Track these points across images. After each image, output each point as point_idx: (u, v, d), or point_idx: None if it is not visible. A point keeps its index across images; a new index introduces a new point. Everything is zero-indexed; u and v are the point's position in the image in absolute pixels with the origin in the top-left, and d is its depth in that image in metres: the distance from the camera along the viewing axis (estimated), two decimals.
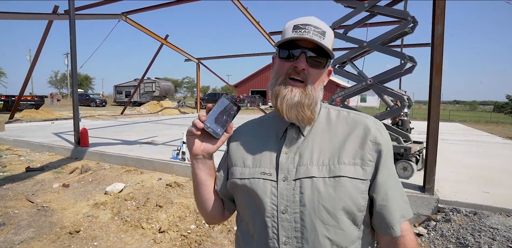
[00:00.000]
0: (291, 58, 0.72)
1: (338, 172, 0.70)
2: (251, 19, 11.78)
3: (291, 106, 0.71)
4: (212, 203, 0.85)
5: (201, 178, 0.82)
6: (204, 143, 0.77)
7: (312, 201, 0.68)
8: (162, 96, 30.16)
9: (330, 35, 0.74)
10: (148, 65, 16.64)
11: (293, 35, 0.70)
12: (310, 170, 0.71)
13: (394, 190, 0.74)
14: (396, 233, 0.71)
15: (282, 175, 0.72)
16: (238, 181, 0.77)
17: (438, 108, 3.15)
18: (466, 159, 5.38)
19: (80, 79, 55.20)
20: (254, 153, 0.78)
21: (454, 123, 15.09)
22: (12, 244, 2.80)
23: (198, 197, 0.85)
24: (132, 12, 11.75)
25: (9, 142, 7.55)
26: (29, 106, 17.06)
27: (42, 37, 11.37)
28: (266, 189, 0.72)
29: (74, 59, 6.48)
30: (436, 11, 3.11)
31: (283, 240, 0.70)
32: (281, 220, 0.70)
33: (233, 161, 0.81)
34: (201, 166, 0.80)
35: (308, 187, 0.69)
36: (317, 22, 0.73)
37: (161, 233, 3.07)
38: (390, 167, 0.75)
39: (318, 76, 0.74)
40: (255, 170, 0.75)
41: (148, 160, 5.11)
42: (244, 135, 0.84)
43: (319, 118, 0.79)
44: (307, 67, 0.71)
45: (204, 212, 0.87)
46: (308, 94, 0.72)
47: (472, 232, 2.73)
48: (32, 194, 4.07)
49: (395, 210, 0.72)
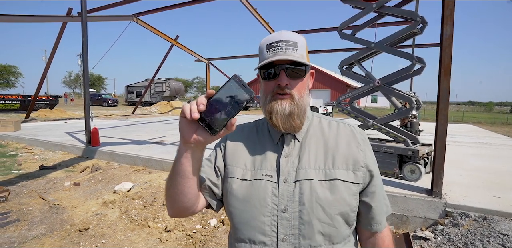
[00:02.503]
0: (272, 77, 0.78)
1: (333, 176, 0.77)
2: (260, 19, 11.80)
3: (284, 118, 0.77)
4: (190, 197, 0.77)
5: (185, 169, 0.71)
6: (198, 131, 0.66)
7: (311, 201, 0.74)
8: (172, 96, 30.46)
9: (301, 44, 0.79)
10: (159, 65, 16.87)
11: (268, 57, 0.76)
12: (308, 173, 0.77)
13: (380, 191, 0.83)
14: (382, 228, 0.83)
15: (282, 177, 0.78)
16: (240, 182, 0.80)
17: (446, 111, 3.10)
18: (477, 162, 5.26)
19: (93, 79, 56.38)
20: (255, 156, 0.83)
21: (468, 125, 14.73)
22: (25, 239, 2.90)
23: (176, 187, 0.75)
24: (143, 14, 11.94)
25: (24, 141, 7.79)
26: (44, 106, 17.53)
27: (57, 38, 11.67)
28: (267, 190, 0.77)
29: (86, 60, 6.64)
30: (445, 12, 3.05)
31: (281, 237, 0.75)
32: (280, 218, 0.75)
33: (232, 161, 0.84)
34: (189, 155, 0.69)
35: (307, 188, 0.75)
36: (287, 36, 0.78)
37: (167, 232, 3.12)
38: (377, 172, 0.84)
39: (302, 85, 0.80)
40: (257, 172, 0.80)
41: (156, 160, 5.20)
42: (242, 137, 0.88)
43: (312, 126, 0.85)
44: (289, 81, 0.77)
45: (176, 203, 0.78)
46: (296, 103, 0.78)
47: (481, 237, 2.67)
48: (44, 192, 4.20)
49: (381, 209, 0.83)
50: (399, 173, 3.91)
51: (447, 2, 3.07)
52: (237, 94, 0.63)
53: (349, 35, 4.35)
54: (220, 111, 0.63)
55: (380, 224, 0.82)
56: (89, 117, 6.76)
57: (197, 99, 0.63)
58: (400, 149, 3.87)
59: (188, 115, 0.62)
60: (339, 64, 4.50)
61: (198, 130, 0.66)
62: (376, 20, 4.36)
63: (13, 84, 47.37)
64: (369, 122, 4.19)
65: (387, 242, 0.84)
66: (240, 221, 0.79)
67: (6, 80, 46.60)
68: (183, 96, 37.84)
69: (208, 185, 0.83)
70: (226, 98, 0.63)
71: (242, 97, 0.63)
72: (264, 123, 0.90)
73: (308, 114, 0.85)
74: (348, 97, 4.42)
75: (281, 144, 0.83)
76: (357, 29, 4.47)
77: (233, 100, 0.63)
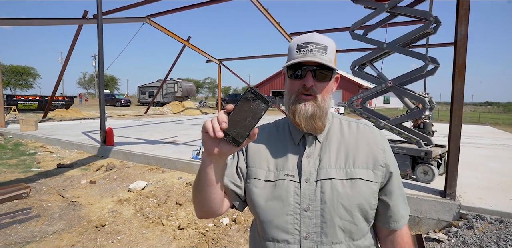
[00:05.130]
0: (299, 77, 0.81)
1: (354, 175, 0.80)
2: (271, 20, 11.83)
3: (306, 119, 0.80)
4: (216, 202, 0.82)
5: (210, 178, 0.75)
6: (222, 143, 0.69)
7: (332, 200, 0.77)
8: (184, 96, 30.75)
9: (331, 49, 0.81)
10: (171, 66, 17.13)
11: (297, 57, 0.79)
12: (329, 172, 0.80)
13: (398, 190, 0.86)
14: (400, 226, 0.85)
15: (304, 177, 0.81)
16: (264, 183, 0.84)
17: (460, 112, 3.05)
18: (494, 164, 5.14)
19: (106, 80, 57.59)
20: (277, 158, 0.86)
21: (484, 126, 14.33)
22: (46, 234, 3.03)
23: (203, 195, 0.80)
24: (156, 15, 12.14)
25: (43, 140, 8.06)
26: (60, 106, 18.05)
27: (73, 40, 12.00)
28: (289, 189, 0.80)
29: (101, 62, 6.82)
30: (460, 11, 3.02)
31: (304, 235, 0.78)
32: (303, 217, 0.79)
33: (255, 163, 0.87)
34: (213, 165, 0.73)
35: (328, 187, 0.79)
36: (318, 39, 0.80)
37: (180, 230, 3.19)
38: (397, 171, 0.86)
39: (326, 88, 0.83)
40: (279, 173, 0.83)
41: (169, 159, 5.30)
42: (263, 139, 0.90)
43: (333, 127, 0.88)
44: (314, 83, 0.80)
45: (204, 208, 0.84)
46: (319, 106, 0.81)
47: (497, 240, 2.63)
48: (62, 189, 4.35)
49: (399, 207, 0.85)
50: (411, 174, 3.87)
51: (462, 1, 3.03)
52: (254, 105, 0.65)
53: (361, 35, 4.34)
54: (241, 124, 0.65)
55: (398, 222, 0.84)
56: (104, 117, 6.94)
57: (218, 116, 0.65)
58: (412, 150, 3.84)
59: (212, 134, 0.64)
60: (351, 65, 4.49)
61: (221, 143, 0.68)
62: (389, 20, 4.33)
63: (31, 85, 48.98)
64: (381, 123, 4.16)
65: (406, 239, 0.87)
66: (265, 220, 0.82)
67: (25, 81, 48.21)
68: (194, 96, 38.19)
69: (231, 188, 0.87)
70: (245, 110, 0.65)
71: (260, 107, 0.65)
72: (285, 123, 0.92)
73: (329, 116, 0.87)
74: (360, 97, 4.40)
75: (302, 144, 0.85)
76: (369, 29, 4.45)
77: (252, 111, 0.65)
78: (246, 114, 0.65)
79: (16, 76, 46.89)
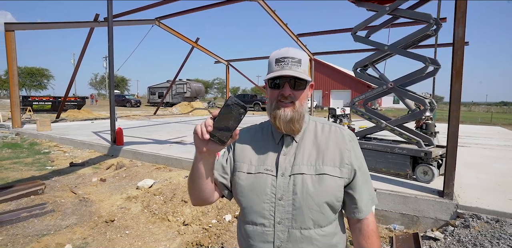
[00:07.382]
0: (278, 87, 0.94)
1: (322, 171, 0.92)
2: (279, 21, 11.94)
3: (286, 123, 0.92)
4: (208, 192, 0.97)
5: (201, 172, 0.90)
6: (210, 143, 0.82)
7: (302, 191, 0.90)
8: (193, 97, 31.01)
9: (305, 61, 0.95)
10: (180, 67, 17.39)
11: (276, 70, 0.92)
12: (301, 168, 0.93)
13: (363, 184, 0.97)
14: (364, 216, 0.97)
15: (280, 172, 0.94)
16: (246, 175, 0.98)
17: (458, 113, 3.11)
18: (499, 165, 5.12)
19: (116, 80, 58.67)
20: (259, 154, 1.00)
21: (495, 127, 14.08)
22: (60, 227, 3.23)
23: (195, 186, 0.95)
24: (165, 17, 12.41)
25: (56, 140, 8.38)
26: (72, 107, 18.53)
27: (85, 43, 12.37)
28: (267, 182, 0.94)
29: (111, 64, 7.06)
30: (457, 14, 3.07)
31: (278, 220, 0.92)
32: (277, 205, 0.92)
33: (240, 158, 1.01)
34: (203, 161, 0.88)
35: (299, 181, 0.91)
36: (293, 53, 0.93)
37: (185, 225, 3.34)
38: (362, 168, 0.98)
39: (302, 95, 0.95)
40: (260, 167, 0.97)
41: (176, 159, 5.47)
42: (249, 137, 1.05)
43: (308, 129, 1.01)
44: (291, 91, 0.92)
45: (197, 197, 0.99)
46: (297, 111, 0.93)
47: (491, 239, 2.68)
48: (75, 186, 4.57)
49: (364, 199, 0.97)
50: (411, 174, 3.93)
51: (459, 3, 3.08)
52: (235, 111, 0.78)
53: (363, 38, 4.41)
54: (225, 126, 0.79)
55: (361, 212, 0.96)
56: (114, 118, 7.16)
57: (205, 121, 0.79)
58: (412, 151, 3.89)
59: (200, 136, 0.79)
60: (353, 66, 4.56)
61: (209, 142, 0.82)
62: (390, 22, 4.39)
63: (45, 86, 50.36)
64: (382, 124, 4.22)
65: (372, 227, 0.98)
66: (246, 206, 0.96)
67: (39, 82, 49.61)
68: (203, 97, 38.52)
69: (220, 180, 1.01)
70: (227, 115, 0.78)
71: (240, 112, 0.79)
72: (269, 126, 1.05)
73: (305, 119, 1.00)
74: (361, 99, 4.47)
75: (281, 144, 0.98)
76: (371, 30, 4.51)
77: (233, 116, 0.78)
78: (229, 118, 0.78)
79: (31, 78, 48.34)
